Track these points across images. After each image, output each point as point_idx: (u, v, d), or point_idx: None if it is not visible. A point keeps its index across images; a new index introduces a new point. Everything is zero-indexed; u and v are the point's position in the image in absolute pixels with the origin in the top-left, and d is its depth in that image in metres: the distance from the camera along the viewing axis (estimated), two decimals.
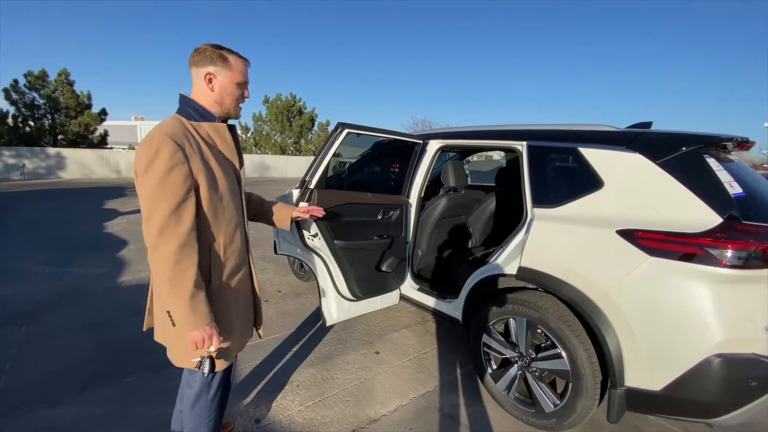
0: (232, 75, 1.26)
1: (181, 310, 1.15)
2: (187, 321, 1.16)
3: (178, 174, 1.11)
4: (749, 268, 1.47)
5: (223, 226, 1.28)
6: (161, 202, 1.09)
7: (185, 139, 1.16)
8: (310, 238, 2.40)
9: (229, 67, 1.25)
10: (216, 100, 1.27)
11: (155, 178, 1.09)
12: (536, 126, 2.35)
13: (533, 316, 1.94)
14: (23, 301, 3.35)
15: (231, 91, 1.28)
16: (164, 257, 1.10)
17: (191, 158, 1.15)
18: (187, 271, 1.13)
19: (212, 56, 1.24)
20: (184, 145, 1.14)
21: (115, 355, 2.51)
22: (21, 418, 1.93)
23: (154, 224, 1.09)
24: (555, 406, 1.90)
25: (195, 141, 1.20)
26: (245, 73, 1.31)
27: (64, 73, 19.45)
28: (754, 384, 1.47)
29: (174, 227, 1.11)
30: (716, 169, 1.66)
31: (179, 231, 1.11)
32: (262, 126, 27.83)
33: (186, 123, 1.22)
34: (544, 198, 2.06)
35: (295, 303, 3.58)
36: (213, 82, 1.25)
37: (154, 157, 1.09)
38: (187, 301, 1.13)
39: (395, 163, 3.63)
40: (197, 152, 1.18)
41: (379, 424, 2.00)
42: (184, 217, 1.13)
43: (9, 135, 18.12)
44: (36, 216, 7.48)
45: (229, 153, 1.32)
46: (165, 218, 1.09)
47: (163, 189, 1.09)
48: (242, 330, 1.43)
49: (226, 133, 1.31)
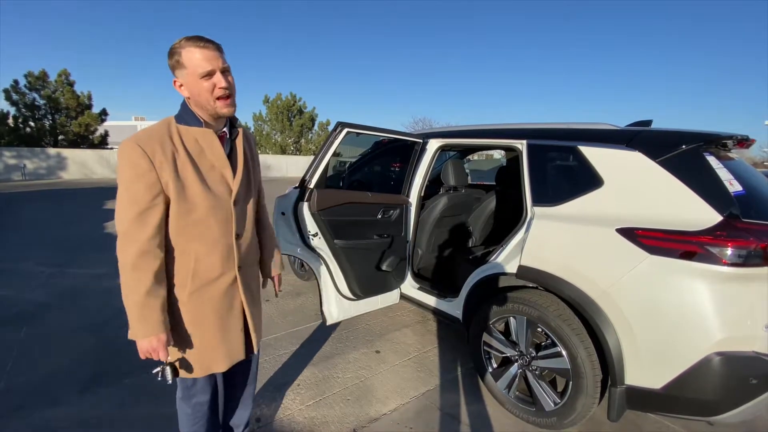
0: (189, 71, 1.15)
1: (132, 317, 1.15)
2: (135, 328, 1.16)
3: (144, 180, 1.10)
4: (749, 266, 1.47)
5: (197, 238, 1.22)
6: (127, 207, 1.11)
7: (158, 146, 1.13)
8: (310, 238, 2.41)
9: (184, 65, 1.15)
10: (195, 103, 1.21)
11: (122, 183, 1.12)
12: (536, 125, 2.35)
13: (533, 315, 1.94)
14: (24, 301, 3.36)
15: (199, 88, 1.16)
16: (123, 261, 1.12)
17: (161, 166, 1.12)
18: (142, 279, 1.12)
19: (171, 63, 1.18)
20: (154, 153, 1.11)
21: (115, 356, 2.52)
22: (22, 419, 1.93)
23: (119, 227, 1.13)
24: (555, 405, 1.90)
25: (172, 147, 1.16)
26: (210, 61, 1.14)
27: (65, 74, 19.49)
28: (755, 382, 1.47)
29: (135, 233, 1.11)
30: (716, 167, 1.66)
31: (140, 237, 1.11)
32: (262, 126, 27.86)
33: (173, 127, 1.19)
34: (544, 197, 2.06)
35: (295, 302, 3.58)
36: (182, 88, 1.20)
37: (121, 164, 1.12)
38: (138, 309, 1.13)
39: (395, 163, 3.63)
40: (169, 160, 1.14)
41: (379, 423, 2.00)
42: (147, 224, 1.12)
43: (10, 136, 18.16)
44: (36, 216, 7.49)
45: (219, 161, 1.25)
46: (128, 223, 1.11)
47: (128, 195, 1.11)
48: (221, 342, 1.32)
49: (214, 141, 1.24)
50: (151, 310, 1.14)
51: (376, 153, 3.51)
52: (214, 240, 1.25)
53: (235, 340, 1.37)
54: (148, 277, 1.12)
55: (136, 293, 1.12)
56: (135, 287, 1.12)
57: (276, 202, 2.72)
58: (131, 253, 1.11)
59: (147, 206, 1.11)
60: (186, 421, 1.45)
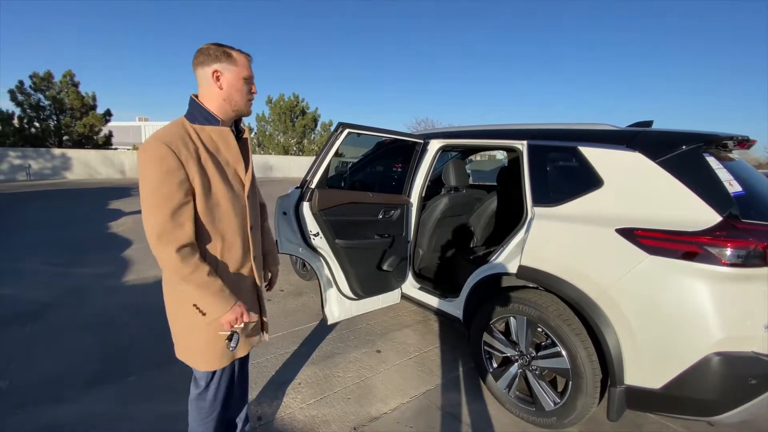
0: (237, 70, 1.25)
1: (206, 300, 1.20)
2: (215, 308, 1.21)
3: (173, 179, 1.11)
4: (748, 266, 1.47)
5: (220, 232, 1.27)
6: (158, 207, 1.11)
7: (182, 145, 1.15)
8: (311, 237, 2.42)
9: (234, 62, 1.24)
10: (225, 98, 1.26)
11: (151, 183, 1.11)
12: (537, 125, 2.35)
13: (533, 315, 1.94)
14: (28, 300, 3.39)
15: (239, 87, 1.26)
16: (170, 260, 1.12)
17: (187, 164, 1.15)
18: (197, 265, 1.16)
19: (216, 54, 1.23)
20: (180, 151, 1.14)
21: (119, 354, 2.54)
22: (26, 416, 1.95)
23: (153, 230, 1.11)
24: (555, 405, 1.91)
25: (194, 145, 1.19)
26: (249, 68, 1.30)
27: (69, 75, 19.60)
28: (754, 382, 1.47)
29: (172, 231, 1.12)
30: (716, 168, 1.66)
31: (178, 235, 1.13)
32: (265, 126, 27.93)
33: (188, 127, 1.22)
34: (544, 197, 2.07)
35: (297, 302, 3.60)
36: (221, 80, 1.24)
37: (148, 164, 1.11)
38: (210, 290, 1.18)
39: (397, 163, 3.64)
40: (194, 157, 1.17)
41: (380, 422, 2.02)
42: (183, 222, 1.14)
43: (15, 136, 18.27)
44: (41, 216, 7.55)
45: (233, 158, 1.31)
46: (163, 223, 1.11)
47: (159, 195, 1.10)
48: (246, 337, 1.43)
49: (230, 138, 1.29)
50: (220, 286, 1.21)
51: (377, 153, 3.52)
52: (234, 233, 1.31)
53: (254, 327, 1.46)
54: (199, 263, 1.17)
55: (200, 279, 1.16)
56: (196, 276, 1.16)
57: (277, 202, 2.73)
58: (173, 250, 1.12)
59: (180, 203, 1.13)
60: (198, 416, 1.46)
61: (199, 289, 1.18)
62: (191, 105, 1.27)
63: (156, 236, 1.11)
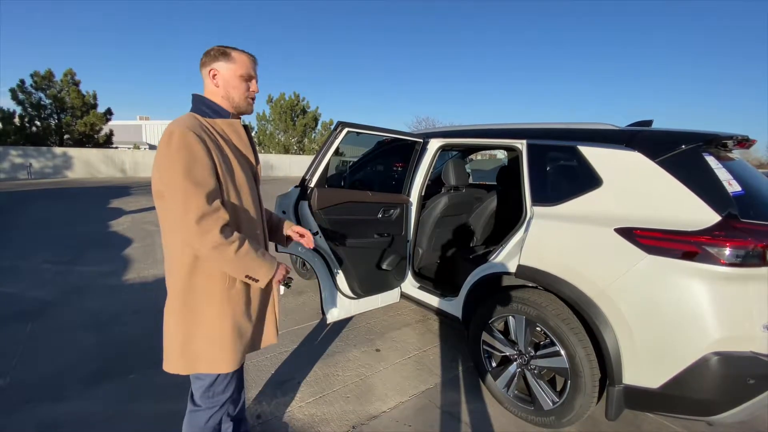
0: (234, 67, 1.26)
1: (255, 267, 1.22)
2: (266, 271, 1.25)
3: (204, 165, 1.12)
4: (747, 266, 1.47)
5: (245, 220, 1.29)
6: (194, 193, 1.09)
7: (204, 133, 1.17)
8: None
9: (231, 60, 1.26)
10: (223, 96, 1.27)
11: (181, 170, 1.08)
12: (536, 125, 2.35)
13: (532, 314, 1.94)
14: (30, 298, 3.40)
15: (235, 84, 1.27)
16: (215, 242, 1.12)
17: (212, 153, 1.16)
18: (237, 238, 1.17)
19: (215, 54, 1.26)
20: (204, 139, 1.15)
21: (120, 352, 2.55)
22: (27, 414, 1.96)
23: (193, 215, 1.08)
24: (554, 404, 1.91)
25: (212, 136, 1.20)
26: (249, 66, 1.30)
27: (70, 74, 19.65)
28: (752, 382, 1.47)
29: (213, 213, 1.11)
30: (715, 168, 1.65)
31: (219, 216, 1.13)
32: (265, 125, 27.95)
33: (201, 119, 1.23)
34: (543, 196, 2.07)
35: (296, 301, 3.61)
36: (216, 78, 1.26)
37: (177, 151, 1.09)
38: (254, 256, 1.21)
39: (397, 162, 3.64)
40: (216, 148, 1.19)
41: (379, 421, 2.02)
42: (218, 206, 1.14)
43: (16, 135, 18.33)
44: (42, 215, 7.56)
45: (245, 149, 1.33)
46: (202, 206, 1.09)
47: (192, 180, 1.09)
48: (256, 331, 1.38)
49: (241, 129, 1.32)
50: (262, 252, 1.25)
51: (377, 152, 3.52)
52: (255, 220, 1.34)
53: (271, 323, 1.46)
54: (238, 236, 1.18)
55: (243, 248, 1.17)
56: (239, 247, 1.16)
57: (277, 201, 2.73)
58: (218, 231, 1.11)
59: (212, 188, 1.13)
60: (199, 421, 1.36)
61: (249, 259, 1.20)
62: (197, 102, 1.28)
63: (195, 222, 1.08)
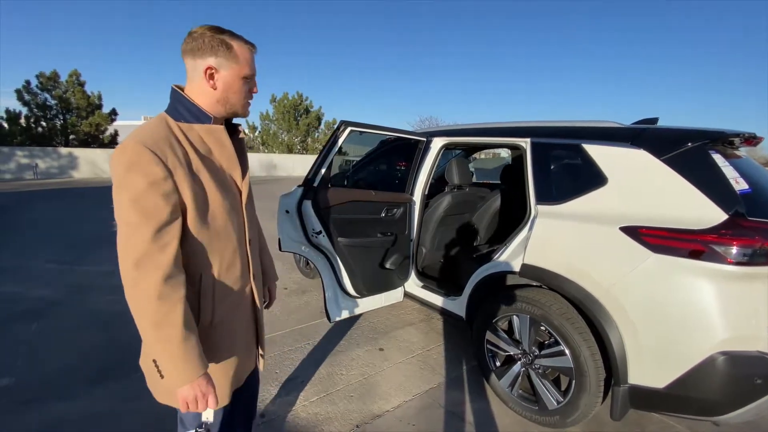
0: (237, 68, 1.02)
1: (170, 358, 0.92)
2: (177, 372, 0.92)
3: (159, 190, 0.89)
4: (754, 264, 1.45)
5: (218, 251, 1.05)
6: (140, 226, 0.88)
7: (168, 148, 0.93)
8: (314, 236, 2.42)
9: (234, 58, 1.01)
10: (218, 99, 1.03)
11: (130, 197, 0.88)
12: (540, 123, 2.34)
13: (536, 314, 1.93)
14: (34, 298, 3.43)
15: (236, 88, 1.04)
16: (145, 294, 0.88)
17: (175, 171, 0.93)
18: (175, 309, 0.91)
19: (212, 44, 0.98)
20: (166, 156, 0.92)
21: (124, 351, 2.56)
22: (31, 412, 1.97)
23: (131, 254, 0.88)
24: (558, 403, 1.90)
25: (182, 149, 0.97)
26: (251, 63, 1.06)
27: (75, 74, 19.78)
28: (759, 382, 1.45)
29: (155, 256, 0.89)
30: (722, 165, 1.64)
31: (162, 261, 0.89)
32: (269, 125, 28.02)
33: (173, 125, 1.00)
34: (547, 195, 2.05)
35: (300, 300, 3.61)
36: (215, 78, 1.01)
37: (127, 172, 0.88)
38: (178, 346, 0.91)
39: (400, 161, 3.64)
40: (183, 164, 0.95)
41: (382, 420, 2.02)
42: (168, 243, 0.91)
43: (22, 135, 18.50)
44: (48, 215, 7.62)
45: (228, 161, 1.08)
46: (144, 246, 0.88)
47: (140, 211, 0.88)
48: (240, 368, 1.19)
49: (224, 137, 1.06)
50: (192, 345, 0.93)
51: (380, 152, 3.52)
52: (234, 251, 1.10)
53: (250, 362, 1.25)
54: (179, 307, 0.91)
55: (171, 329, 0.90)
56: (168, 321, 0.90)
57: (280, 201, 2.74)
58: (154, 281, 0.88)
59: (165, 221, 0.90)
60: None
61: (166, 343, 0.90)
62: (175, 98, 1.03)
63: (133, 262, 0.88)
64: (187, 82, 1.05)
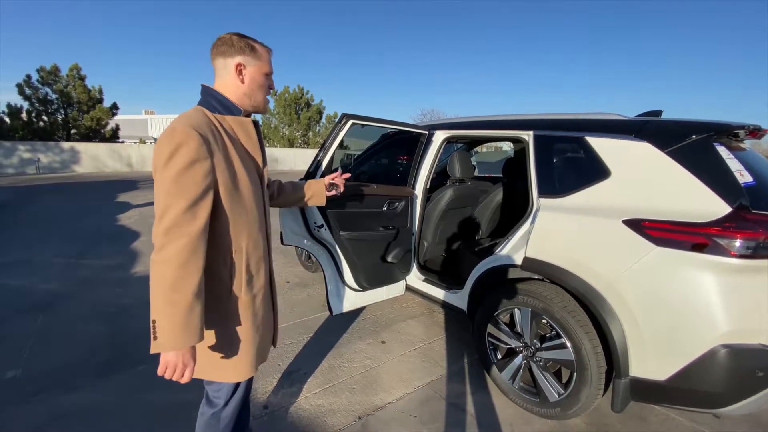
0: (261, 65, 1.21)
1: (172, 322, 0.99)
2: (172, 336, 0.99)
3: (200, 169, 1.03)
4: (758, 257, 1.44)
5: (246, 229, 1.19)
6: (177, 198, 0.99)
7: (210, 133, 1.08)
8: (316, 229, 2.43)
9: (258, 56, 1.20)
10: (245, 93, 1.21)
11: (174, 172, 1.00)
12: (543, 115, 2.32)
13: (538, 307, 1.94)
14: (40, 291, 3.45)
15: (261, 83, 1.23)
16: (170, 256, 0.98)
17: (215, 154, 1.07)
18: (192, 276, 1.01)
19: (240, 45, 1.17)
20: (209, 139, 1.06)
21: (129, 343, 2.58)
22: (38, 404, 2.00)
23: (166, 222, 0.99)
24: (559, 396, 1.91)
25: (219, 135, 1.12)
26: (271, 63, 1.26)
27: (76, 68, 19.70)
28: (761, 374, 1.45)
29: (186, 225, 1.00)
30: (726, 158, 1.62)
31: (191, 230, 1.00)
32: (270, 119, 27.92)
33: (210, 115, 1.15)
34: (550, 188, 2.04)
35: (302, 293, 3.63)
36: (243, 74, 1.19)
37: (176, 150, 1.00)
38: (183, 311, 0.99)
39: (402, 155, 3.62)
40: (221, 148, 1.10)
41: (384, 412, 2.04)
42: (198, 216, 1.02)
43: (23, 130, 18.48)
44: (51, 209, 7.65)
45: (253, 150, 1.25)
46: (178, 215, 0.99)
47: (181, 184, 1.00)
48: (262, 342, 1.31)
49: (251, 128, 1.24)
50: (196, 315, 1.02)
51: (382, 145, 3.50)
52: (257, 231, 1.24)
53: (270, 338, 1.40)
54: (196, 277, 1.01)
55: (184, 294, 0.99)
56: (183, 286, 0.99)
57: None
58: (180, 248, 0.98)
59: (200, 196, 1.03)
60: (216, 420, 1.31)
61: (174, 306, 0.98)
62: (207, 94, 1.20)
63: (165, 228, 0.99)
64: (216, 80, 1.22)
